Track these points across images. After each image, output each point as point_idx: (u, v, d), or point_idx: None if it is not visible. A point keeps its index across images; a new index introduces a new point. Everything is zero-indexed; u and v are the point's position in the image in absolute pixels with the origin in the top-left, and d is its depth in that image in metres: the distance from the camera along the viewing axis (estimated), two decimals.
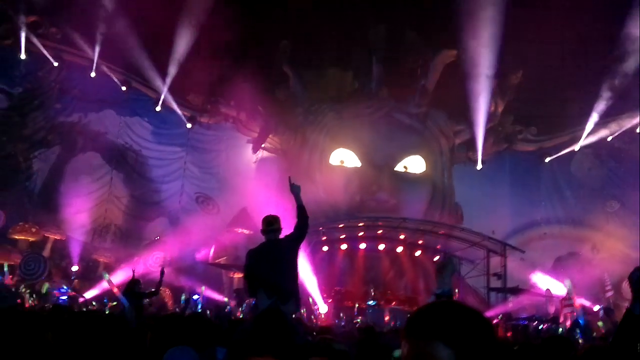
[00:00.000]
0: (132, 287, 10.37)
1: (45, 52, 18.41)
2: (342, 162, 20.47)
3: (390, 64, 20.42)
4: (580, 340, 10.07)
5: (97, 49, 18.23)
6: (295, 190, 5.60)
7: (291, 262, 5.60)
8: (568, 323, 13.31)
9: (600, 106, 19.31)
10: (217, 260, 18.72)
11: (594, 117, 19.84)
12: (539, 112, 20.54)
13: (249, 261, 5.60)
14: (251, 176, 19.73)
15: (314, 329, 9.30)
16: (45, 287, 14.52)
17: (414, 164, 20.69)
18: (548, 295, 16.22)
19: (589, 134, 20.41)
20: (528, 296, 16.49)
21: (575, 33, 17.91)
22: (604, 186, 20.75)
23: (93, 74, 18.69)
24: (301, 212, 5.63)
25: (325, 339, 4.21)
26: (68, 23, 18.03)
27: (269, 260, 5.50)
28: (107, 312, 10.92)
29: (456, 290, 13.72)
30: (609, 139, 20.65)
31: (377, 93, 20.79)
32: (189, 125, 20.29)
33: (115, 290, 11.61)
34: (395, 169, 20.41)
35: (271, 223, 5.69)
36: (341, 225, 18.63)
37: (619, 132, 20.40)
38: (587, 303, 15.73)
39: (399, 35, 20.09)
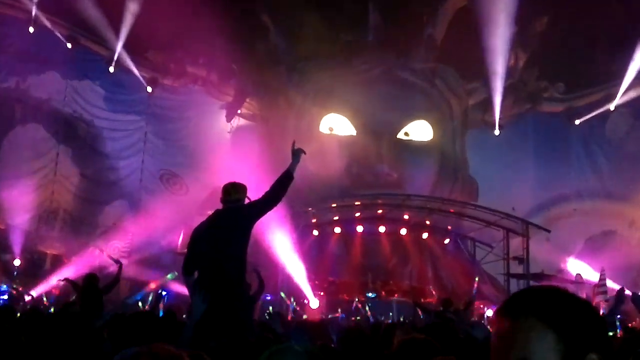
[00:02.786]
0: (92, 282, 9.97)
1: None
2: (331, 129, 20.39)
3: (390, 11, 20.21)
4: (619, 332, 10.15)
5: None
6: (297, 157, 5.58)
7: (241, 232, 5.46)
8: (601, 313, 13.60)
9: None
10: (185, 249, 18.68)
11: (632, 70, 19.70)
12: (567, 65, 20.31)
13: (192, 234, 5.60)
14: (226, 149, 19.56)
15: (297, 322, 9.48)
16: None
17: (419, 131, 20.56)
18: (578, 281, 16.50)
19: (626, 90, 20.29)
20: (555, 283, 15.92)
21: None
22: None
23: (32, 29, 18.43)
24: (285, 180, 5.52)
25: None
26: None
27: (215, 227, 5.43)
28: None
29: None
30: None
31: (375, 46, 20.48)
32: (149, 89, 20.12)
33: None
34: (397, 136, 20.25)
35: (229, 192, 5.58)
36: (334, 205, 18.58)
37: None
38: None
39: None
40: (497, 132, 20.92)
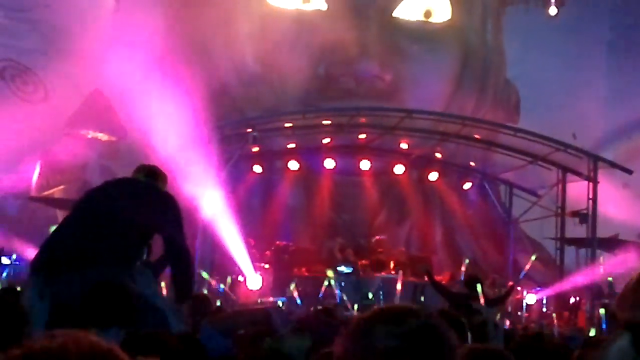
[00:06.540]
0: None
1: None
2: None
3: None
4: None
5: None
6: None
7: (153, 211, 6.02)
8: None
9: None
10: (45, 192, 18.52)
11: None
12: None
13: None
14: (108, 25, 18.56)
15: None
16: None
17: (430, 7, 20.08)
18: None
19: None
20: (637, 253, 16.18)
21: None
22: None
23: None
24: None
25: None
26: None
27: (122, 193, 6.11)
28: None
29: None
30: None
31: None
32: None
33: None
34: (393, 14, 19.74)
35: (147, 173, 6.33)
36: (288, 125, 18.35)
37: None
38: None
39: None
40: (552, 11, 20.39)
